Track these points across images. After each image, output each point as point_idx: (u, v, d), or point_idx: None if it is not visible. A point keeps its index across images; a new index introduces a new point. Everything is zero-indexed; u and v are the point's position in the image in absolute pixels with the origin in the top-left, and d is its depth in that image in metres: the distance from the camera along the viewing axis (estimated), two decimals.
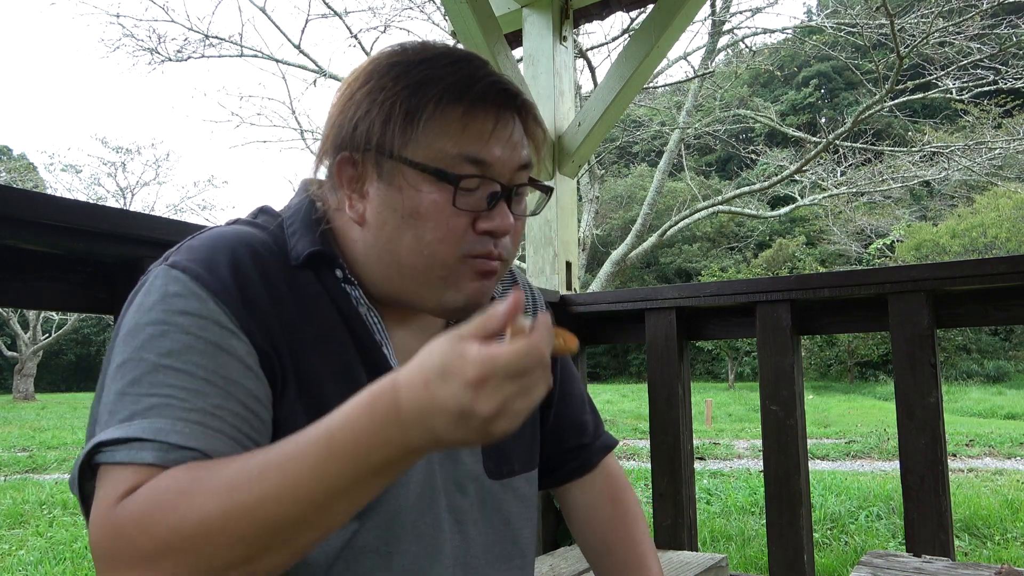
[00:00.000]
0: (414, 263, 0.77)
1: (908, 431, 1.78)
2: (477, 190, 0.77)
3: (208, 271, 0.72)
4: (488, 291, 0.81)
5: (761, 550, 4.52)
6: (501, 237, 0.79)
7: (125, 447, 0.63)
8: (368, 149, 0.76)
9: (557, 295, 2.43)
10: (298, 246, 0.80)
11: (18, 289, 1.12)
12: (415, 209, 0.76)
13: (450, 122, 0.76)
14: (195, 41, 12.31)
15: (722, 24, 11.60)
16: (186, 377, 0.67)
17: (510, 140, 0.79)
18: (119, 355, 0.69)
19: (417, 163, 0.75)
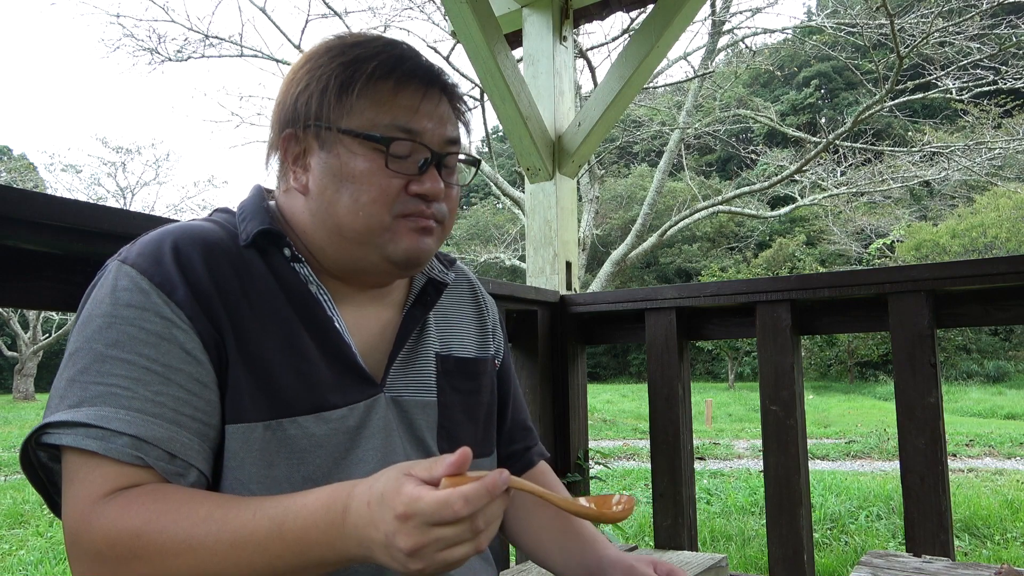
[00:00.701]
0: (352, 223, 0.84)
1: (908, 431, 1.78)
2: (409, 157, 0.84)
3: (153, 264, 0.77)
4: (427, 248, 0.87)
5: (761, 550, 4.52)
6: (432, 200, 0.86)
7: (71, 431, 0.70)
8: (308, 124, 0.84)
9: (557, 295, 2.43)
10: (247, 228, 0.86)
11: (18, 289, 1.12)
12: (351, 173, 0.83)
13: (382, 94, 0.84)
14: (195, 41, 12.32)
15: (722, 24, 11.60)
16: (129, 367, 0.73)
17: (437, 113, 0.87)
18: (73, 344, 0.75)
19: (352, 131, 0.83)
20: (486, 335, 1.08)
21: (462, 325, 1.04)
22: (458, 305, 1.05)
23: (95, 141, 53.39)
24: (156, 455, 0.71)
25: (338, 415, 0.83)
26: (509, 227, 16.74)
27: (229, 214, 0.91)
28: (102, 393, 0.71)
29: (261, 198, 0.92)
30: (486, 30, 2.25)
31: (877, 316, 1.93)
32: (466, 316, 1.06)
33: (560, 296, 2.44)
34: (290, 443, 0.79)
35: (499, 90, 2.36)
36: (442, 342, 0.98)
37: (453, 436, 0.94)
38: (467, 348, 1.02)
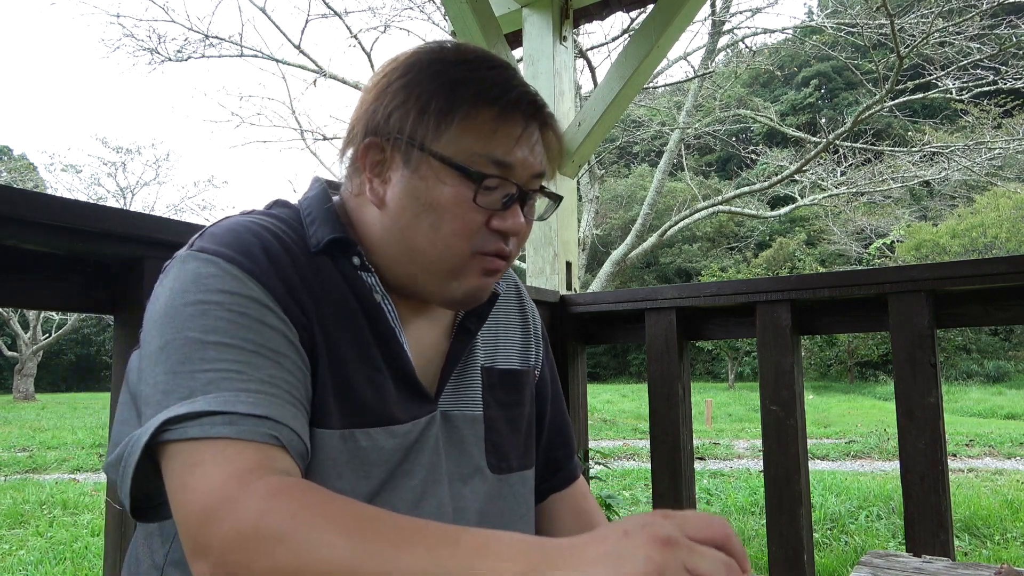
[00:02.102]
0: (428, 251, 0.81)
1: (908, 431, 1.78)
2: (496, 190, 0.81)
3: (241, 253, 0.74)
4: (489, 288, 0.86)
5: (761, 550, 4.52)
6: (512, 237, 0.83)
7: (196, 422, 0.63)
8: (399, 138, 0.79)
9: (557, 295, 2.44)
10: (318, 233, 0.82)
11: (18, 289, 1.12)
12: (436, 200, 0.79)
13: (482, 123, 0.79)
14: (195, 41, 12.32)
15: (722, 24, 11.60)
16: (236, 351, 0.68)
17: (533, 148, 0.83)
18: (158, 338, 0.69)
19: (445, 157, 0.78)
20: (528, 345, 1.06)
21: (507, 335, 1.02)
22: (505, 315, 1.03)
23: (95, 141, 53.37)
24: (287, 435, 0.67)
25: (403, 430, 0.81)
26: None
27: (287, 208, 0.88)
28: (214, 379, 0.66)
29: (326, 198, 0.87)
30: (486, 30, 2.25)
31: (877, 316, 1.93)
32: (512, 326, 1.04)
33: (560, 296, 2.44)
34: (360, 455, 0.77)
35: None
36: (487, 354, 0.97)
37: (499, 448, 0.93)
38: (511, 360, 1.00)
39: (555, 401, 1.10)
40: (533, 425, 1.03)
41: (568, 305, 2.42)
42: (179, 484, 0.63)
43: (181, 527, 0.62)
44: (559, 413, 1.10)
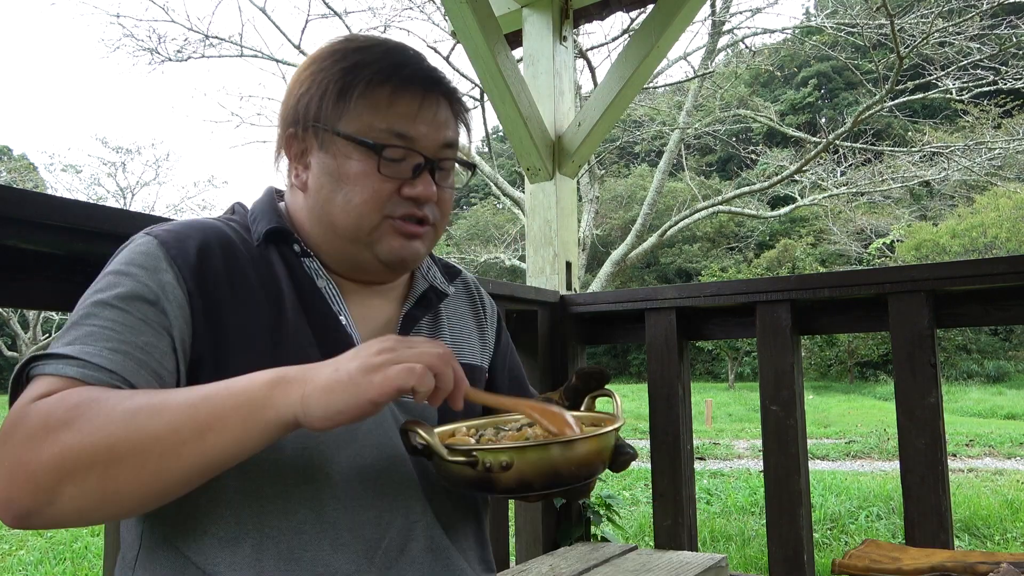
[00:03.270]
0: (344, 222, 0.88)
1: (908, 431, 1.78)
2: (403, 161, 0.88)
3: (175, 240, 0.83)
4: (415, 251, 0.91)
5: (761, 550, 4.52)
6: (424, 203, 0.90)
7: (55, 361, 0.72)
8: (309, 124, 0.88)
9: (557, 295, 2.43)
10: (258, 227, 0.91)
11: (18, 289, 1.12)
12: (346, 174, 0.87)
13: (379, 99, 0.87)
14: (195, 41, 12.30)
15: (722, 24, 11.59)
16: (126, 315, 0.76)
17: (434, 119, 0.89)
18: (84, 296, 0.79)
19: (348, 135, 0.86)
20: (485, 334, 1.12)
21: (464, 332, 1.08)
22: (461, 316, 1.09)
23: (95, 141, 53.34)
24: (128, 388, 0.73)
25: None
26: (509, 227, 16.73)
27: (244, 210, 0.96)
28: (94, 333, 0.74)
29: (272, 199, 0.96)
30: (486, 30, 2.25)
31: (877, 316, 1.93)
32: (466, 323, 1.09)
33: (560, 296, 2.44)
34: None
35: (499, 90, 2.36)
36: None
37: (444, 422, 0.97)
38: (471, 355, 1.06)
39: (509, 359, 1.16)
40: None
41: (568, 305, 2.41)
42: (15, 403, 0.71)
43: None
44: (515, 368, 1.18)
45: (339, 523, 0.82)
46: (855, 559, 1.32)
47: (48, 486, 0.64)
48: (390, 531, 0.85)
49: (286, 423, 0.68)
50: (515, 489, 0.74)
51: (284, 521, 0.80)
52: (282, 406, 0.67)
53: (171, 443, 0.66)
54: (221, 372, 0.79)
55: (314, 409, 0.66)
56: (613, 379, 1.05)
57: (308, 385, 0.67)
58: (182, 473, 0.67)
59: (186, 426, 0.66)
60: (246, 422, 0.67)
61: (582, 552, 1.80)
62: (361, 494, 0.84)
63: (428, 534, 0.88)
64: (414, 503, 0.88)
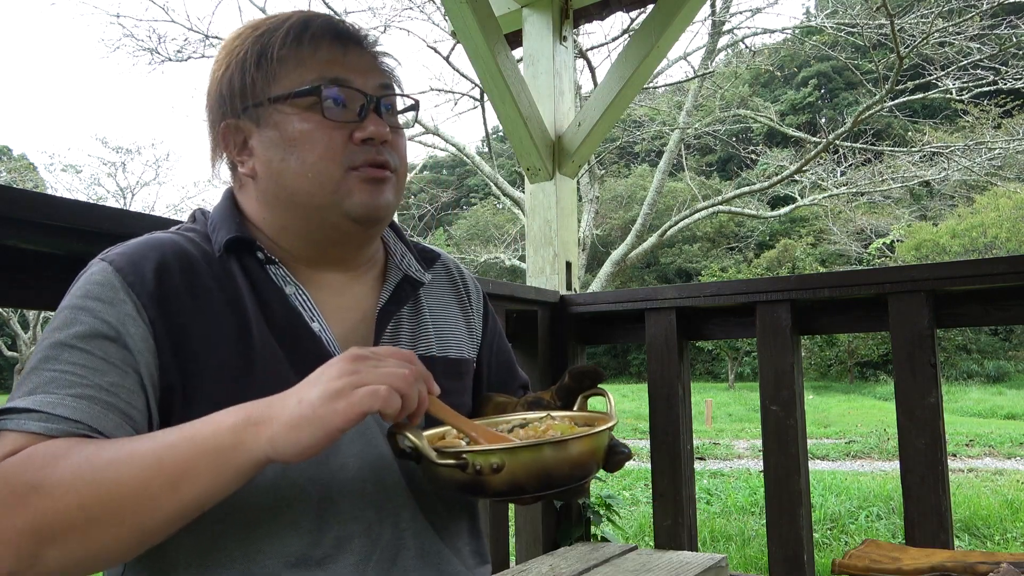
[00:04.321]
0: (304, 186, 0.83)
1: (908, 431, 1.78)
2: (347, 106, 0.84)
3: (130, 264, 0.78)
4: (385, 200, 0.87)
5: (761, 550, 4.52)
6: (380, 143, 0.85)
7: (17, 416, 0.69)
8: (238, 107, 0.84)
9: (557, 295, 2.43)
10: (218, 238, 0.86)
11: (18, 289, 1.12)
12: (292, 137, 0.83)
13: (301, 54, 0.84)
14: (195, 41, 12.27)
15: (722, 24, 11.59)
16: (87, 356, 0.73)
17: (361, 63, 0.87)
18: (44, 334, 0.76)
19: (281, 95, 0.83)
20: (472, 323, 1.07)
21: (448, 324, 1.03)
22: (444, 305, 1.04)
23: (95, 141, 53.29)
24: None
25: None
26: (509, 227, 16.73)
27: (205, 219, 0.92)
28: (56, 379, 0.71)
29: (232, 203, 0.91)
30: (486, 30, 2.25)
31: (877, 316, 1.93)
32: (451, 313, 1.04)
33: (560, 296, 2.44)
34: None
35: (499, 90, 2.36)
36: (426, 343, 0.97)
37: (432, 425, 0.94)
38: (453, 348, 1.01)
39: (496, 343, 1.12)
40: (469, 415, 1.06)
41: (568, 305, 2.41)
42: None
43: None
44: (503, 352, 1.13)
45: (327, 540, 0.80)
46: (855, 559, 1.32)
47: (29, 551, 0.63)
48: (380, 542, 0.83)
49: (258, 463, 0.66)
50: (507, 492, 0.72)
51: (270, 544, 0.78)
52: (252, 448, 0.66)
53: (145, 497, 0.64)
54: (191, 400, 0.77)
55: (283, 448, 0.65)
56: (613, 379, 1.05)
57: (274, 424, 0.65)
58: (162, 522, 0.66)
59: (156, 479, 0.64)
60: (217, 468, 0.65)
61: (582, 552, 1.80)
62: (347, 508, 0.81)
63: (418, 541, 0.86)
64: (403, 510, 0.85)
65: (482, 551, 0.99)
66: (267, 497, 0.78)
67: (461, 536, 0.94)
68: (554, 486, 0.73)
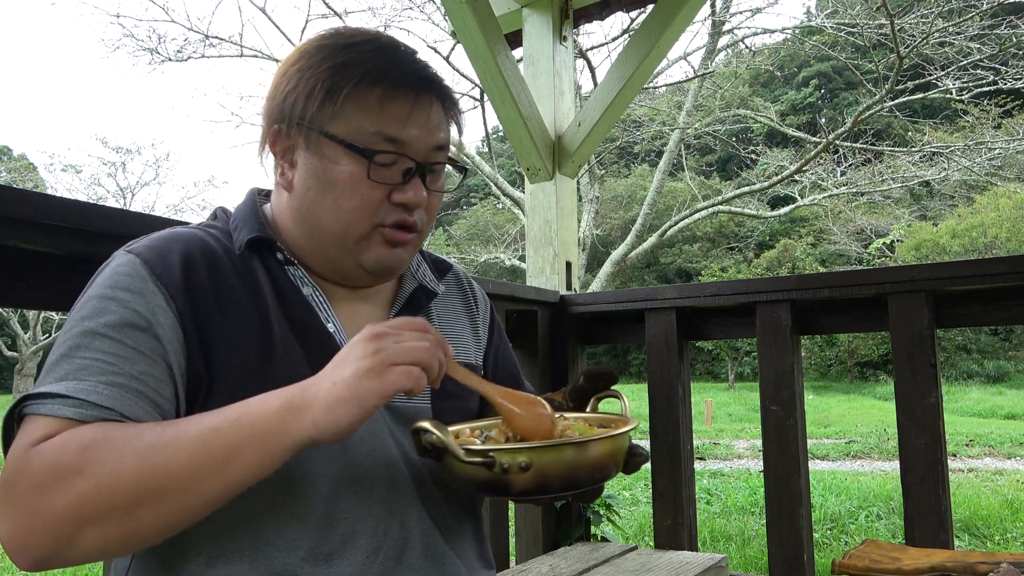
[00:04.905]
0: (332, 227, 0.85)
1: (908, 431, 1.78)
2: (393, 165, 0.84)
3: (157, 257, 0.80)
4: (399, 258, 0.89)
5: (761, 550, 4.52)
6: (414, 209, 0.87)
7: (50, 401, 0.70)
8: (295, 121, 0.84)
9: (557, 295, 2.43)
10: (240, 236, 0.88)
11: (18, 289, 1.12)
12: (335, 178, 0.83)
13: (369, 102, 0.83)
14: (195, 41, 12.30)
15: (722, 24, 11.59)
16: (118, 345, 0.74)
17: (427, 122, 0.86)
18: (70, 322, 0.76)
19: (336, 136, 0.83)
20: (478, 332, 1.09)
21: (457, 331, 1.05)
22: (452, 313, 1.07)
23: (95, 141, 53.27)
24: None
25: None
26: (509, 227, 16.73)
27: (226, 215, 0.93)
28: (87, 366, 0.72)
29: (254, 203, 0.93)
30: (486, 30, 2.25)
31: (877, 316, 1.93)
32: (459, 321, 1.07)
33: (560, 296, 2.44)
34: None
35: (499, 90, 2.36)
36: None
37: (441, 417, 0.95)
38: (462, 354, 1.03)
39: (502, 352, 1.14)
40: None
41: (568, 305, 2.41)
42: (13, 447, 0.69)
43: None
44: (508, 363, 1.15)
45: (334, 536, 0.81)
46: (855, 559, 1.32)
47: (67, 533, 0.64)
48: (387, 540, 0.83)
49: (303, 445, 0.69)
50: (532, 491, 0.72)
51: (278, 537, 0.79)
52: (296, 432, 0.68)
53: (190, 479, 0.66)
54: (211, 392, 0.78)
55: (326, 429, 0.68)
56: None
57: (315, 409, 0.68)
58: (203, 503, 0.68)
59: (204, 463, 0.67)
60: (265, 450, 0.68)
61: (582, 552, 1.80)
62: (356, 505, 0.82)
63: (424, 540, 0.87)
64: (410, 509, 0.86)
65: (486, 555, 1.00)
66: (277, 490, 0.79)
67: (465, 538, 0.95)
68: (577, 486, 0.74)
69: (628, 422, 0.82)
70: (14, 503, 0.65)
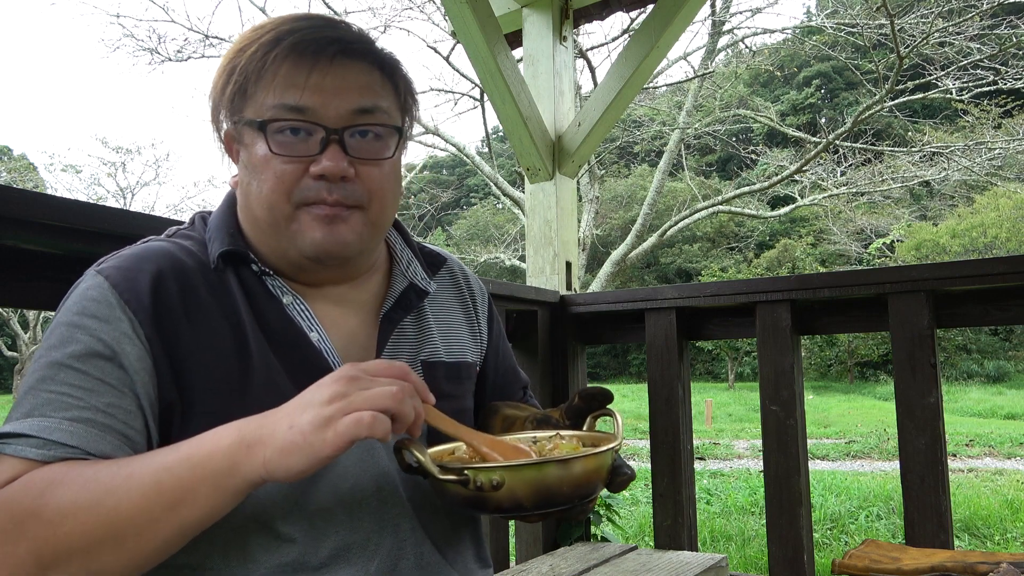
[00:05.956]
0: (261, 215, 0.82)
1: (908, 431, 1.78)
2: (302, 135, 0.79)
3: (126, 280, 0.77)
4: (342, 238, 0.81)
5: (761, 550, 4.52)
6: (335, 181, 0.80)
7: (14, 441, 0.69)
8: (229, 118, 0.83)
9: (557, 295, 2.43)
10: (213, 249, 0.84)
11: (18, 289, 1.12)
12: (253, 163, 0.81)
13: (269, 77, 0.79)
14: (195, 41, 12.30)
15: (722, 24, 11.59)
16: (84, 377, 0.72)
17: (333, 85, 0.79)
18: (40, 350, 0.75)
19: (246, 120, 0.80)
20: (475, 329, 1.06)
21: (452, 330, 1.02)
22: (449, 310, 1.03)
23: (95, 141, 53.23)
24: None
25: None
26: (509, 227, 16.74)
27: (204, 225, 0.90)
28: (52, 401, 0.70)
29: (230, 210, 0.89)
30: (486, 30, 2.25)
31: (877, 316, 1.93)
32: (455, 320, 1.03)
33: (560, 296, 2.44)
34: None
35: (499, 90, 2.36)
36: (430, 347, 0.96)
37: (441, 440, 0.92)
38: (456, 352, 1.00)
39: (501, 348, 1.12)
40: (472, 420, 1.04)
41: (568, 305, 2.41)
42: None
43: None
44: (507, 356, 1.13)
45: (322, 549, 0.79)
46: (855, 559, 1.32)
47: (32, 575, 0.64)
48: (379, 552, 0.82)
49: (253, 484, 0.67)
50: (507, 509, 0.71)
51: (269, 554, 0.77)
52: (247, 471, 0.66)
53: (145, 521, 0.65)
54: (189, 416, 0.76)
55: (276, 471, 0.66)
56: (613, 379, 1.06)
57: (268, 448, 0.66)
58: (162, 543, 0.67)
59: (155, 504, 0.65)
60: (215, 491, 0.66)
61: (582, 552, 1.80)
62: (347, 518, 0.81)
63: (418, 551, 0.85)
64: (402, 520, 0.85)
65: (483, 556, 0.99)
66: (266, 504, 0.77)
67: (463, 543, 0.94)
68: (555, 504, 0.73)
69: (613, 439, 0.81)
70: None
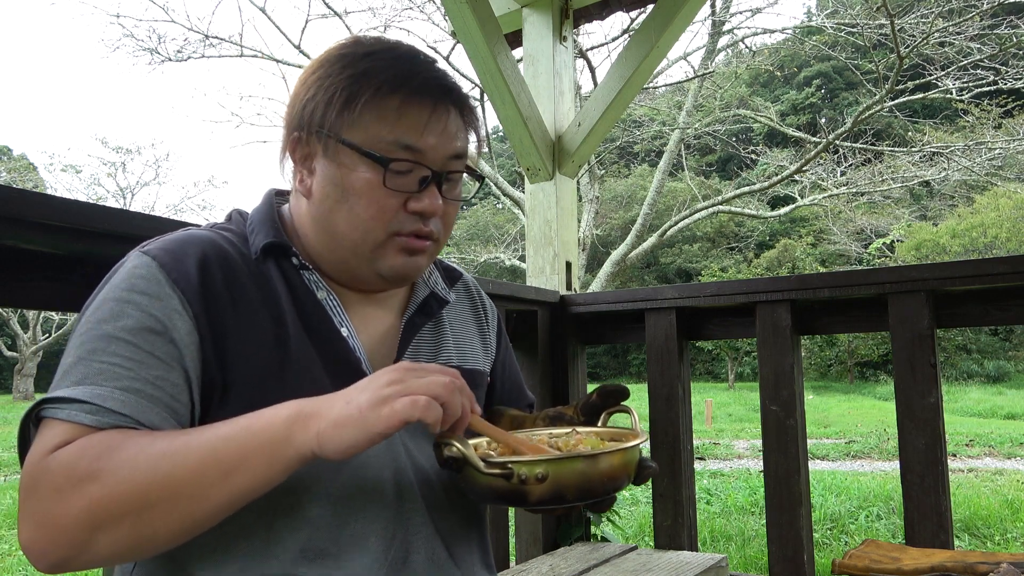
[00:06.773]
0: (349, 235, 0.86)
1: (908, 431, 1.78)
2: (409, 173, 0.85)
3: (173, 260, 0.80)
4: (416, 266, 0.89)
5: (761, 550, 4.52)
6: (430, 217, 0.87)
7: (68, 406, 0.71)
8: (314, 129, 0.85)
9: (557, 295, 2.43)
10: (256, 241, 0.88)
11: (18, 289, 1.12)
12: (351, 186, 0.84)
13: (387, 110, 0.84)
14: (195, 41, 12.31)
15: (722, 24, 11.60)
16: (135, 349, 0.75)
17: (445, 131, 0.86)
18: (84, 324, 0.77)
19: (354, 144, 0.83)
20: (486, 339, 1.11)
21: (466, 338, 1.07)
22: (463, 321, 1.09)
23: (95, 141, 53.24)
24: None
25: None
26: (509, 227, 16.74)
27: (242, 218, 0.94)
28: (104, 371, 0.73)
29: (271, 205, 0.94)
30: (486, 30, 2.25)
31: (877, 316, 1.93)
32: (468, 329, 1.09)
33: (560, 296, 2.44)
34: None
35: (499, 90, 2.36)
36: (447, 353, 1.01)
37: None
38: (470, 360, 1.05)
39: (508, 363, 1.16)
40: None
41: (568, 305, 2.41)
42: (32, 452, 0.71)
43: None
44: (514, 372, 1.17)
45: (344, 536, 0.82)
46: (855, 559, 1.32)
47: (82, 537, 0.66)
48: (394, 543, 0.85)
49: (304, 458, 0.70)
50: (548, 501, 0.75)
51: (290, 535, 0.80)
52: (300, 443, 0.69)
53: (198, 486, 0.68)
54: (227, 398, 0.79)
55: (328, 444, 0.68)
56: (613, 379, 1.06)
57: (323, 421, 0.69)
58: (211, 511, 0.69)
59: (211, 470, 0.68)
60: (269, 460, 0.69)
61: (582, 552, 1.80)
62: (363, 508, 0.83)
63: (429, 546, 0.88)
64: (415, 515, 0.87)
65: (488, 561, 1.01)
66: (287, 492, 0.79)
67: (470, 544, 0.96)
68: (591, 496, 0.77)
69: (638, 435, 0.84)
70: (34, 509, 0.67)
